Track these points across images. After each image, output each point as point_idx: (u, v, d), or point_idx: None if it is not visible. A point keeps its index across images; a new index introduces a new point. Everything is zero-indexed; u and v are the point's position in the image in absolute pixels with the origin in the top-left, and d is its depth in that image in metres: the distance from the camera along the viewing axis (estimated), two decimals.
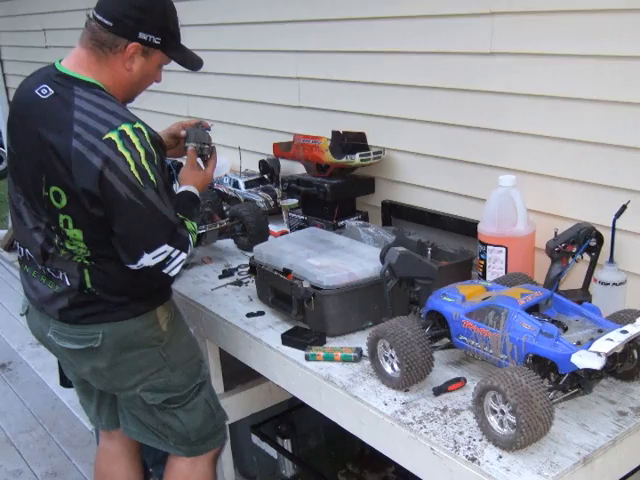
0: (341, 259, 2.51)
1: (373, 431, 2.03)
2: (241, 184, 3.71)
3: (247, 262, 2.89)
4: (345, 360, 2.24)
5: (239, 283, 2.94)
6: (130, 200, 2.12)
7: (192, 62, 2.46)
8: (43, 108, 2.20)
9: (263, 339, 2.45)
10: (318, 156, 3.20)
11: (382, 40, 3.12)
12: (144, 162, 2.13)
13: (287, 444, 3.23)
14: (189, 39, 2.49)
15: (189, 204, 2.46)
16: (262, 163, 3.74)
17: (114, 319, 2.35)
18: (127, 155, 2.10)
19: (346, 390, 2.10)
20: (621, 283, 2.30)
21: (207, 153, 2.68)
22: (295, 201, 3.45)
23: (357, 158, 3.11)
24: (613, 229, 2.30)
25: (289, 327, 2.49)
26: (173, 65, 2.43)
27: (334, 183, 3.22)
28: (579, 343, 1.81)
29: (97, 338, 2.34)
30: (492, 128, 2.74)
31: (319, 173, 3.31)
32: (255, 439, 3.32)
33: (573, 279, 2.49)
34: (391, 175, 3.26)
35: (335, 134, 3.21)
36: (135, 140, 2.13)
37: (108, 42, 2.25)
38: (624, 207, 2.29)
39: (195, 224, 2.41)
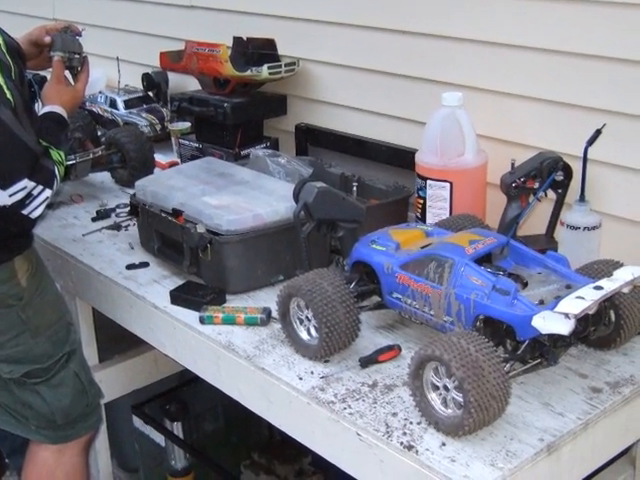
0: (245, 197, 2.51)
1: (284, 412, 2.03)
2: (120, 103, 3.70)
3: (127, 201, 2.89)
4: (250, 323, 2.24)
5: (117, 227, 2.93)
6: None
7: None
8: None
9: (147, 297, 2.45)
10: (216, 68, 3.17)
11: None
12: None
13: (177, 428, 3.31)
14: None
15: (55, 128, 2.43)
16: (146, 77, 3.72)
17: None
18: None
19: (251, 361, 2.09)
20: (594, 227, 2.31)
21: (77, 65, 2.67)
22: (187, 124, 3.48)
23: (265, 71, 3.10)
24: (584, 160, 2.30)
25: (180, 282, 2.49)
26: None
27: (236, 102, 3.21)
28: (542, 302, 1.80)
29: None
30: (433, 33, 2.73)
31: (217, 90, 3.30)
32: (137, 422, 3.36)
33: (535, 222, 2.50)
34: (307, 92, 3.26)
35: (237, 41, 3.21)
36: None
37: None
38: (598, 132, 2.29)
39: (62, 153, 2.38)
